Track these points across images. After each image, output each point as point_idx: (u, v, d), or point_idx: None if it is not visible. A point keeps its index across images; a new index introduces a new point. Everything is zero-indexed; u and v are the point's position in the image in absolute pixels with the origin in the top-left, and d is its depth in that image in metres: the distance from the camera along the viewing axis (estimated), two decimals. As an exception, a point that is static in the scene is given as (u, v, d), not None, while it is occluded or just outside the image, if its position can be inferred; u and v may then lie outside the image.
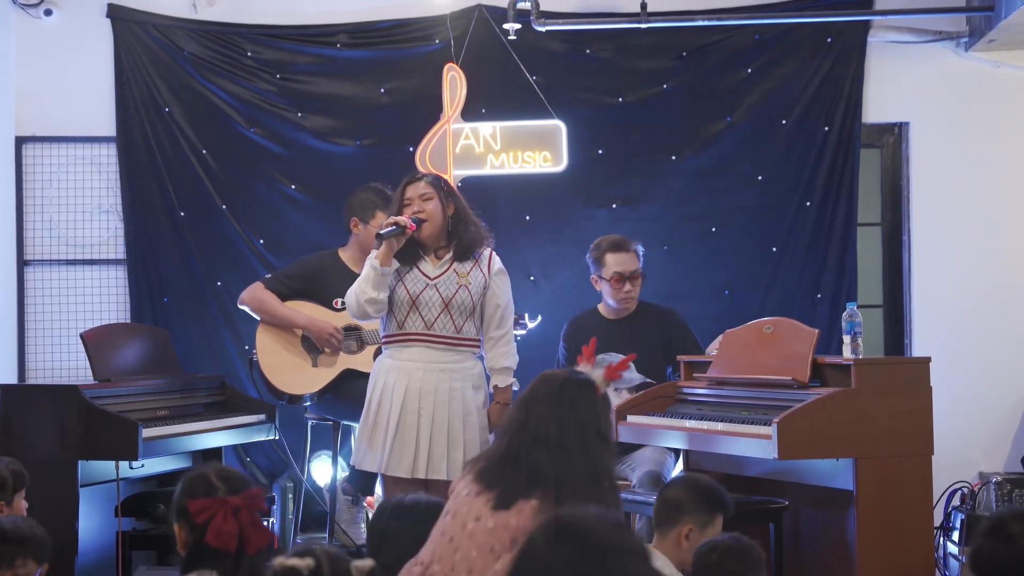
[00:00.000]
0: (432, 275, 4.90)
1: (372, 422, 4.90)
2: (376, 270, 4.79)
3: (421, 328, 4.87)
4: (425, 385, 4.84)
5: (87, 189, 6.78)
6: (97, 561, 5.34)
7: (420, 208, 4.88)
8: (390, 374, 4.89)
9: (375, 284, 4.80)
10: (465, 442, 4.86)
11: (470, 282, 4.91)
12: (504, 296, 5.01)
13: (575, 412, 3.32)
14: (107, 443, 5.04)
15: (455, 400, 4.86)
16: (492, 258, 5.01)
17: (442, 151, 6.55)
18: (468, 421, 4.88)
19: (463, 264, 4.93)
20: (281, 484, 6.42)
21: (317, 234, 6.60)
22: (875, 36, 6.76)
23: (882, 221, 6.93)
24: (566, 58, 6.75)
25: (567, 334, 5.92)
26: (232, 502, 2.78)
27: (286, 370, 5.77)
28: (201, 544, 2.78)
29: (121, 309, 6.74)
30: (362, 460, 4.94)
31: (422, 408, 4.83)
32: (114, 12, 6.74)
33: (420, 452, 4.80)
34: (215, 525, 2.74)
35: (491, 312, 4.97)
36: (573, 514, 2.07)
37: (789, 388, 4.90)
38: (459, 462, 4.79)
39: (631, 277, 5.74)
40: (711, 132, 6.78)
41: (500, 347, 4.98)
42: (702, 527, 3.83)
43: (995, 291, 6.76)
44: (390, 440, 4.82)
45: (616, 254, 5.74)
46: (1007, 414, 6.67)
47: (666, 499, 3.95)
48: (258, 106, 6.76)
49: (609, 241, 5.81)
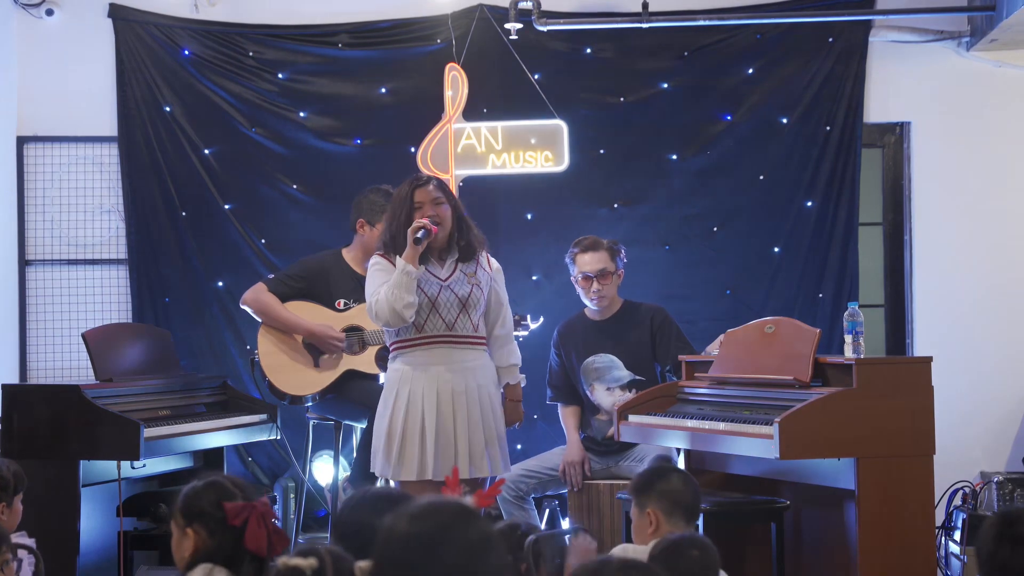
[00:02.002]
0: (443, 277, 4.92)
1: (401, 432, 4.83)
2: (409, 274, 4.77)
3: (443, 329, 4.88)
4: (456, 386, 4.85)
5: (88, 189, 6.79)
6: (98, 561, 5.34)
7: (435, 212, 4.89)
8: (414, 382, 4.85)
9: (408, 288, 4.79)
10: (498, 437, 4.93)
11: (479, 281, 4.95)
12: (504, 295, 5.10)
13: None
14: (109, 443, 5.04)
15: (484, 398, 4.91)
16: (490, 258, 5.08)
17: (443, 151, 6.55)
18: (496, 416, 4.95)
19: (467, 265, 4.96)
20: (283, 484, 6.42)
21: (318, 234, 6.60)
22: (876, 36, 6.76)
23: (883, 221, 6.93)
24: (567, 58, 6.75)
25: (557, 341, 5.97)
26: (260, 507, 2.85)
27: (288, 371, 5.77)
28: (220, 547, 2.84)
29: (122, 309, 6.75)
30: (396, 471, 4.84)
31: (457, 409, 4.84)
32: (115, 12, 6.74)
33: (461, 452, 4.82)
34: (251, 529, 2.79)
35: (496, 310, 5.03)
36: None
37: (791, 388, 4.90)
38: (497, 458, 4.89)
39: (599, 276, 5.77)
40: (712, 132, 6.78)
41: (506, 345, 5.07)
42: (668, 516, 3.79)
43: (996, 290, 6.76)
44: (431, 446, 4.80)
45: (584, 255, 5.80)
46: (1008, 413, 6.67)
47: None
48: (260, 106, 6.76)
49: (580, 243, 5.86)
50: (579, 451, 5.75)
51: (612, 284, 5.80)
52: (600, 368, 5.80)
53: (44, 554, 4.11)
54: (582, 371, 5.83)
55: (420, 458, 4.80)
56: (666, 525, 3.76)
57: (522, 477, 5.72)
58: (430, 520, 2.18)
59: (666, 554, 3.33)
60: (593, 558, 3.20)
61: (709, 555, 3.33)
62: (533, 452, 6.15)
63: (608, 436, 5.70)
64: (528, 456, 6.09)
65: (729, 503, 4.98)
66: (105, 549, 5.36)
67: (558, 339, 5.95)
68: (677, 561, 3.29)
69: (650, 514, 3.79)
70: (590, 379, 5.82)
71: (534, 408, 6.53)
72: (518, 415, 5.13)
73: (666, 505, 3.78)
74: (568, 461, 5.72)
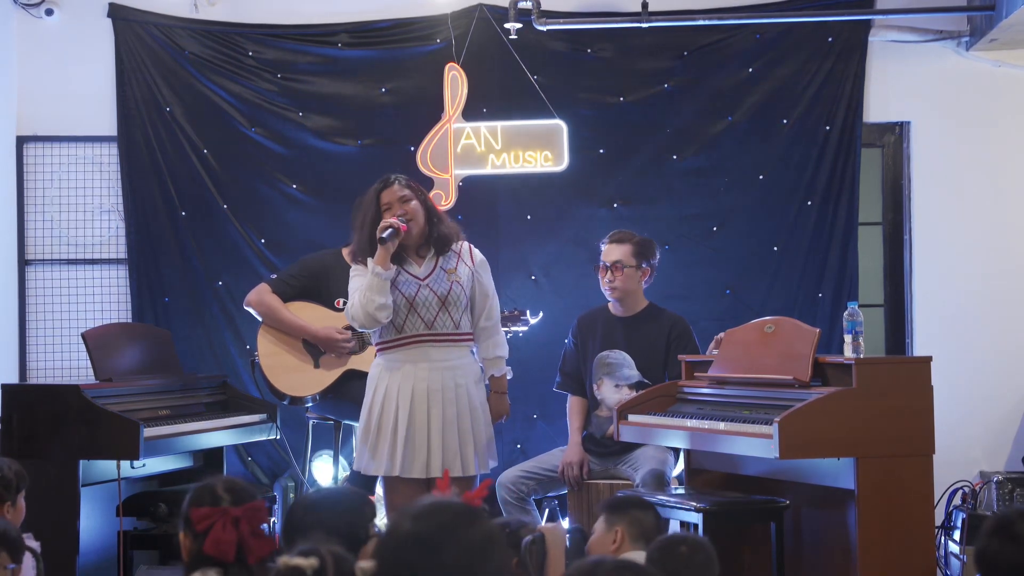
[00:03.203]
0: (422, 275, 4.92)
1: (376, 427, 4.90)
2: (380, 276, 4.79)
3: (422, 329, 4.89)
4: (432, 384, 4.86)
5: (88, 189, 6.79)
6: (98, 561, 5.34)
7: (403, 211, 4.89)
8: (391, 380, 4.90)
9: (380, 290, 4.80)
10: (475, 438, 4.90)
11: (460, 277, 4.95)
12: (490, 286, 5.08)
13: None
14: (108, 442, 5.05)
15: (461, 397, 4.90)
16: (472, 250, 5.06)
17: (443, 151, 6.55)
18: (475, 417, 4.93)
19: (446, 260, 4.95)
20: (282, 484, 6.42)
21: (318, 233, 6.60)
22: (876, 35, 6.76)
23: (883, 220, 6.93)
24: (567, 58, 6.75)
25: (575, 329, 5.97)
26: (232, 512, 2.85)
27: (288, 372, 5.77)
28: (201, 552, 2.85)
29: (122, 309, 6.75)
30: (368, 466, 4.93)
31: (431, 407, 4.85)
32: (115, 12, 6.74)
33: (433, 451, 4.83)
34: (214, 534, 2.83)
35: (480, 303, 5.02)
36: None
37: (790, 387, 4.90)
38: (471, 458, 4.88)
39: (612, 267, 5.78)
40: (712, 132, 6.77)
41: (492, 337, 5.05)
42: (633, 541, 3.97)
43: (996, 290, 6.75)
44: (401, 442, 4.83)
45: (606, 245, 5.86)
46: (1008, 413, 6.67)
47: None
48: (259, 106, 6.76)
49: (612, 234, 5.92)
50: (579, 452, 5.75)
51: (628, 278, 5.78)
52: (613, 363, 5.80)
53: (44, 554, 4.11)
54: (595, 363, 5.83)
55: (391, 454, 4.83)
56: (628, 545, 3.95)
57: (522, 479, 5.71)
58: (433, 520, 2.18)
59: (663, 553, 3.34)
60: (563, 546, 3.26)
61: (706, 555, 3.34)
62: (533, 452, 6.16)
63: (608, 435, 5.69)
64: (528, 456, 6.10)
65: (729, 503, 4.98)
66: (105, 549, 5.36)
67: (576, 327, 5.95)
68: (674, 560, 3.30)
69: (617, 532, 3.99)
70: (600, 373, 5.81)
71: (534, 408, 6.53)
72: (504, 407, 5.12)
73: (634, 532, 3.99)
74: (567, 462, 5.72)
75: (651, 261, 5.85)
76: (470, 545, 2.16)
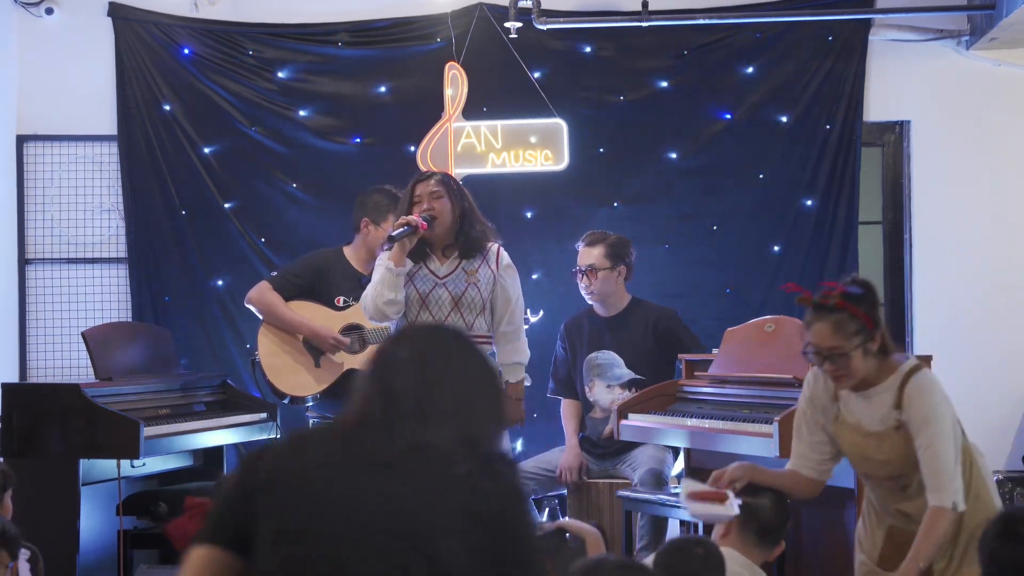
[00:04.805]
0: (441, 274, 4.91)
1: None
2: (391, 271, 4.79)
3: None
4: None
5: (88, 188, 6.79)
6: (98, 560, 5.35)
7: (430, 206, 4.89)
8: None
9: (391, 285, 4.80)
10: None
11: (479, 279, 4.94)
12: (514, 291, 5.05)
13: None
14: (108, 442, 5.05)
15: None
16: (500, 253, 5.04)
17: (443, 150, 6.55)
18: None
19: (471, 262, 4.95)
20: (282, 483, 6.41)
21: (318, 232, 6.59)
22: (876, 34, 6.76)
23: (883, 220, 6.93)
24: (567, 56, 6.75)
25: (562, 334, 5.98)
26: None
27: (288, 371, 5.77)
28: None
29: (122, 308, 6.75)
30: None
31: None
32: (115, 11, 6.74)
33: None
34: (178, 521, 2.86)
35: (501, 308, 5.01)
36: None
37: (790, 386, 4.89)
38: None
39: (587, 272, 5.76)
40: (712, 130, 6.77)
41: (511, 343, 5.04)
42: None
43: (996, 289, 6.75)
44: None
45: (582, 249, 5.83)
46: (1008, 412, 6.67)
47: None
48: (259, 105, 6.76)
49: (585, 237, 5.88)
50: (576, 456, 5.73)
51: (604, 281, 5.76)
52: (602, 364, 5.80)
53: (44, 553, 4.12)
54: (585, 366, 5.83)
55: None
56: None
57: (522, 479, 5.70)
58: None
59: (680, 556, 3.34)
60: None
61: (719, 557, 3.34)
62: (533, 452, 6.16)
63: (606, 435, 5.69)
64: (528, 456, 6.09)
65: (729, 502, 4.97)
66: (105, 548, 5.36)
67: (564, 332, 5.95)
68: (693, 562, 3.29)
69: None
70: (591, 375, 5.81)
71: (534, 406, 6.52)
72: (518, 414, 5.12)
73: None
74: (565, 467, 5.71)
75: (626, 260, 5.81)
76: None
